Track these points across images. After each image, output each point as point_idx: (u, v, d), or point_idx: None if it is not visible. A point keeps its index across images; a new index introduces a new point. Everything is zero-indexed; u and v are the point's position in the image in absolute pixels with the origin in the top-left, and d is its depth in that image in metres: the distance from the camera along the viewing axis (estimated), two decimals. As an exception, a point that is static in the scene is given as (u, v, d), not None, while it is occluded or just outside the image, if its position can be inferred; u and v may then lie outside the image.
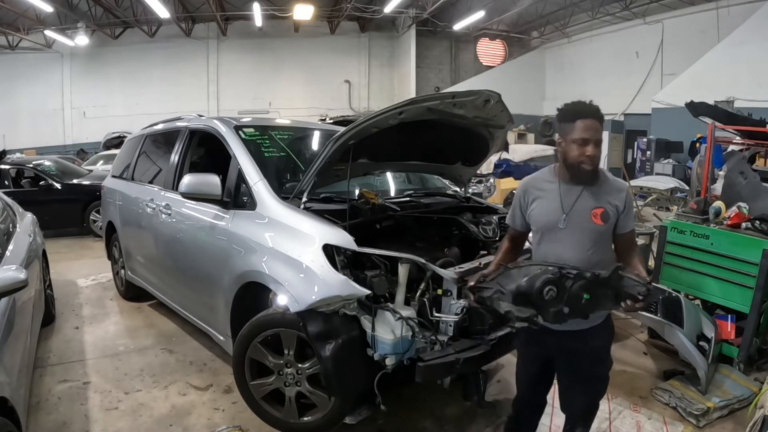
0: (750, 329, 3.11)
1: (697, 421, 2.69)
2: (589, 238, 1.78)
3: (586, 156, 1.73)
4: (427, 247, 2.69)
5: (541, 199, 1.86)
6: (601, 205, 1.78)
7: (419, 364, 2.14)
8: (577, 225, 1.78)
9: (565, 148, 1.77)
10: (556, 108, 1.86)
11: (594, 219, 1.78)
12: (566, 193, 1.81)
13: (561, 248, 1.80)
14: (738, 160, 4.04)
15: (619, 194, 1.81)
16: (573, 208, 1.78)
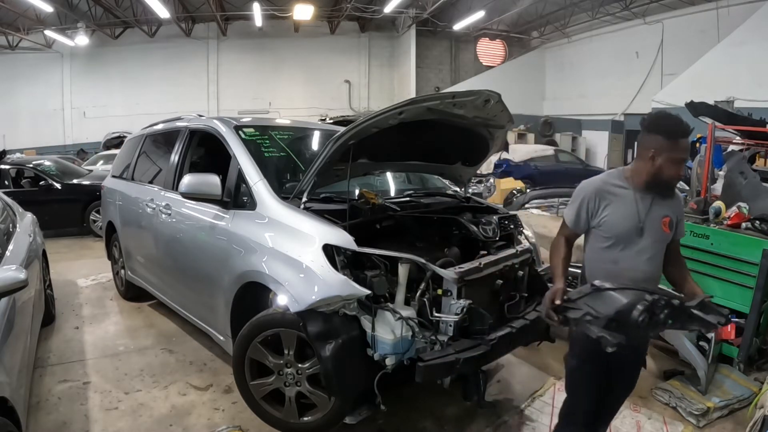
0: (750, 329, 3.11)
1: (697, 421, 2.69)
2: (660, 247, 1.85)
3: (681, 175, 1.80)
4: (427, 247, 2.69)
5: (615, 205, 1.84)
6: (668, 214, 1.85)
7: (419, 364, 2.14)
8: (651, 233, 1.81)
9: (659, 163, 1.76)
10: (642, 118, 1.87)
11: (664, 227, 1.83)
12: (641, 201, 1.83)
13: (636, 257, 1.82)
14: (738, 160, 4.04)
15: (677, 202, 1.90)
16: (648, 216, 1.82)
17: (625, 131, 15.35)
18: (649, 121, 1.83)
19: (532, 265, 3.03)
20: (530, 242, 3.14)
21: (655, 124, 1.80)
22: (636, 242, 1.83)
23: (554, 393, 2.98)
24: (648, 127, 1.82)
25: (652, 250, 1.84)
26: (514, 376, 3.25)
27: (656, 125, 1.80)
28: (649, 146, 1.79)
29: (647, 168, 1.80)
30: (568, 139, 15.64)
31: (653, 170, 1.79)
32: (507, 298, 2.72)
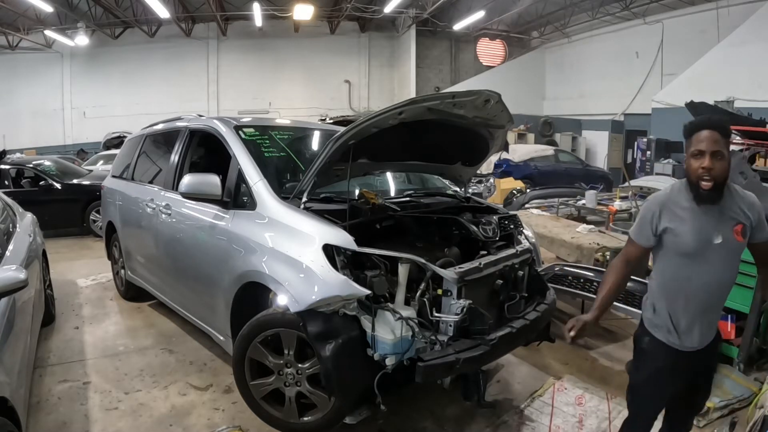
0: (750, 329, 3.11)
1: (697, 421, 2.69)
2: (735, 257, 1.79)
3: (702, 168, 1.67)
4: (427, 247, 2.69)
5: (683, 220, 1.77)
6: (739, 221, 1.75)
7: (419, 364, 2.14)
8: (724, 245, 1.74)
9: (686, 164, 1.74)
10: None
11: (736, 236, 1.75)
12: (706, 213, 1.74)
13: (712, 271, 1.76)
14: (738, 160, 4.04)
15: (752, 207, 1.77)
16: (718, 228, 1.74)
17: (625, 131, 15.36)
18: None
19: (532, 265, 3.03)
20: (530, 242, 3.14)
21: (683, 131, 1.78)
22: (708, 256, 1.75)
23: (554, 393, 2.98)
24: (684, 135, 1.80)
25: (729, 262, 1.78)
26: (514, 376, 3.25)
27: (683, 131, 1.78)
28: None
29: (686, 175, 1.77)
30: (568, 139, 15.63)
31: (686, 174, 1.75)
32: (507, 298, 2.72)
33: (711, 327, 1.87)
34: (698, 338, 1.83)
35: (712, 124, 1.70)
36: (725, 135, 1.72)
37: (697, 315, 1.81)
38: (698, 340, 1.83)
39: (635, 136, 13.84)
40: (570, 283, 3.90)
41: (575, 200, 7.55)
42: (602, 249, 4.27)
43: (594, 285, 3.39)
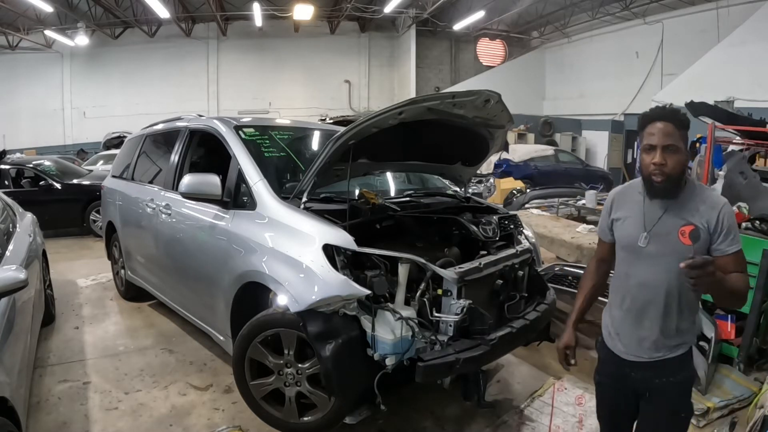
0: (750, 329, 3.11)
1: (697, 421, 2.69)
2: (676, 260, 1.49)
3: (653, 164, 1.54)
4: (427, 247, 2.69)
5: (625, 212, 1.69)
6: (692, 222, 1.56)
7: (419, 364, 2.14)
8: (662, 245, 1.58)
9: (639, 160, 1.62)
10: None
11: (682, 238, 1.56)
12: (650, 208, 1.62)
13: (644, 270, 1.62)
14: (738, 160, 4.04)
15: (711, 211, 1.56)
16: (656, 225, 1.59)
17: (625, 131, 15.34)
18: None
19: (532, 265, 3.04)
20: (530, 242, 3.14)
21: (637, 120, 1.67)
22: (642, 255, 1.62)
23: (554, 393, 2.98)
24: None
25: (665, 264, 1.58)
26: (514, 376, 3.25)
27: (637, 120, 1.67)
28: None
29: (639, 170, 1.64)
30: (568, 139, 15.63)
31: (639, 170, 1.63)
32: (507, 298, 2.72)
33: (656, 336, 1.63)
34: (636, 345, 1.66)
35: (665, 115, 1.56)
36: (680, 126, 1.55)
37: (635, 317, 1.66)
38: (636, 347, 1.66)
39: (635, 136, 13.73)
40: (570, 283, 3.90)
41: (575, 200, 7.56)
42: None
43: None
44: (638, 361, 1.65)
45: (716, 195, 1.63)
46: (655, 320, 1.62)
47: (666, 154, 1.54)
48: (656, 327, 1.62)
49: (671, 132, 1.53)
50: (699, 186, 1.65)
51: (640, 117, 1.64)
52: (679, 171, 1.55)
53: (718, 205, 1.57)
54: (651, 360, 1.64)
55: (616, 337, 1.71)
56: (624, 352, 1.68)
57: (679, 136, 1.54)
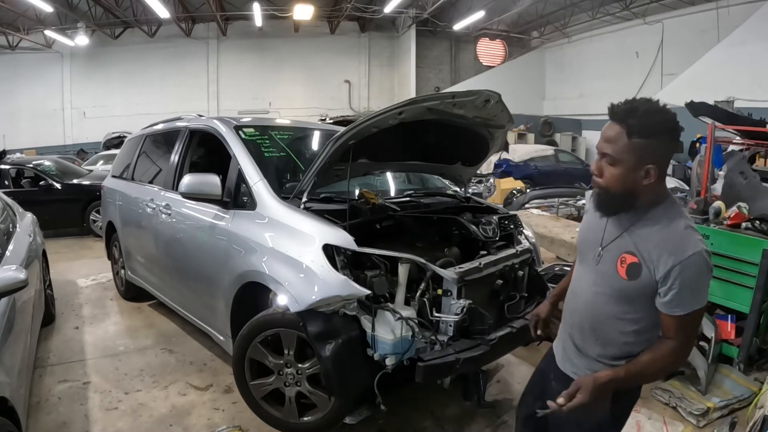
0: (750, 329, 3.11)
1: (697, 421, 2.69)
2: (606, 288, 1.33)
3: (593, 173, 1.31)
4: (427, 247, 2.69)
5: (589, 214, 1.47)
6: (636, 255, 1.26)
7: (419, 364, 2.14)
8: (603, 265, 1.34)
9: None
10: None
11: (619, 266, 1.29)
12: (613, 222, 1.35)
13: (584, 286, 1.42)
14: (738, 160, 4.04)
15: (666, 257, 1.21)
16: (608, 242, 1.34)
17: (625, 131, 15.35)
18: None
19: (532, 265, 3.03)
20: (530, 242, 3.14)
21: None
22: (589, 267, 1.41)
23: (554, 393, 2.98)
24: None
25: (596, 287, 1.36)
26: (514, 376, 3.25)
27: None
28: None
29: None
30: (568, 139, 15.64)
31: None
32: (507, 298, 2.72)
33: (574, 353, 1.45)
34: (559, 350, 1.52)
35: (616, 115, 1.26)
36: (633, 133, 1.20)
37: (567, 326, 1.50)
38: (559, 353, 1.52)
39: (635, 136, 13.85)
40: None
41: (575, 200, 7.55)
42: (602, 249, 4.27)
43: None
44: (560, 370, 1.50)
45: (689, 240, 1.23)
46: (574, 336, 1.46)
47: (602, 164, 1.27)
48: (575, 343, 1.45)
49: (615, 137, 1.24)
50: (678, 217, 1.27)
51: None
52: (617, 188, 1.25)
53: (680, 252, 1.20)
54: (569, 374, 1.46)
55: (558, 337, 1.58)
56: (557, 357, 1.55)
57: (626, 145, 1.21)
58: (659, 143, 1.21)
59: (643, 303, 1.29)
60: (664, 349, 1.28)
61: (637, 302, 1.30)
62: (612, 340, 1.36)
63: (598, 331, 1.38)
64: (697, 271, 1.21)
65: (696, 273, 1.21)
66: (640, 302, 1.29)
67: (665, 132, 1.20)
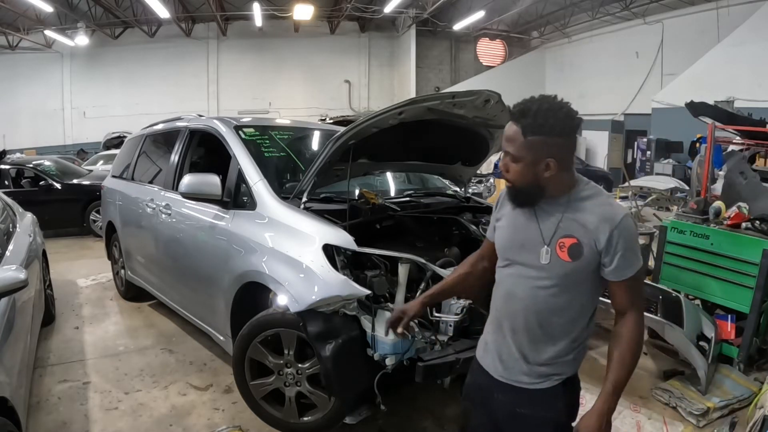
0: (750, 329, 3.11)
1: (697, 421, 2.69)
2: (549, 276, 1.33)
3: (501, 170, 1.37)
4: (427, 247, 2.69)
5: (508, 216, 1.46)
6: (573, 234, 1.31)
7: (419, 364, 2.14)
8: (537, 256, 1.35)
9: None
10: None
11: (560, 252, 1.32)
12: (537, 215, 1.38)
13: (514, 284, 1.40)
14: (738, 160, 4.03)
15: (603, 225, 1.28)
16: (541, 236, 1.35)
17: (625, 131, 15.36)
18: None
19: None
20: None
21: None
22: (517, 265, 1.41)
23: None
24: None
25: (536, 280, 1.35)
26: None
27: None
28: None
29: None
30: (568, 139, 15.62)
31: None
32: (507, 298, 2.72)
33: (518, 358, 1.40)
34: (495, 362, 1.45)
35: (514, 115, 1.32)
36: (528, 131, 1.27)
37: (500, 330, 1.45)
38: (494, 365, 1.46)
39: (635, 136, 13.86)
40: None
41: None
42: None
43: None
44: (503, 382, 1.44)
45: (614, 207, 1.33)
46: (516, 339, 1.40)
47: (507, 161, 1.34)
48: (517, 346, 1.40)
49: (513, 136, 1.30)
50: (596, 193, 1.35)
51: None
52: (522, 183, 1.33)
53: (613, 218, 1.28)
54: (515, 384, 1.41)
55: (486, 348, 1.50)
56: (492, 369, 1.46)
57: (523, 143, 1.28)
58: (552, 139, 1.27)
59: (583, 285, 1.35)
60: (630, 327, 1.34)
61: (579, 285, 1.35)
62: (560, 333, 1.38)
63: (545, 327, 1.37)
64: (631, 230, 1.31)
65: (631, 233, 1.31)
66: (582, 285, 1.35)
67: (556, 129, 1.27)
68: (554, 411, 1.40)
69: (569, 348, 1.39)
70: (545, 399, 1.39)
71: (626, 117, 15.45)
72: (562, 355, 1.39)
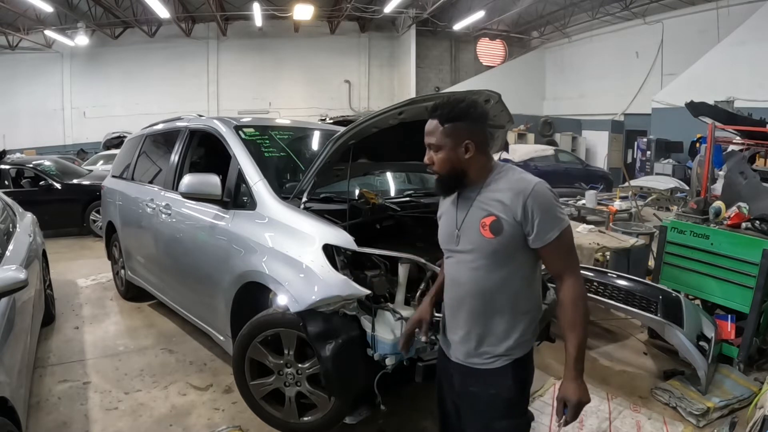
0: (750, 329, 3.11)
1: (697, 421, 2.69)
2: (481, 255, 1.44)
3: (426, 164, 1.55)
4: (427, 247, 2.69)
5: (444, 211, 1.61)
6: (491, 212, 1.42)
7: (419, 364, 2.14)
8: (469, 240, 1.46)
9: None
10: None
11: (483, 231, 1.42)
12: (461, 204, 1.52)
13: (455, 270, 1.52)
14: (738, 160, 4.04)
15: (516, 198, 1.38)
16: (464, 221, 1.48)
17: (625, 131, 15.36)
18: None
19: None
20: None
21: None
22: (455, 253, 1.52)
23: (554, 393, 2.97)
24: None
25: (472, 262, 1.46)
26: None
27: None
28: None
29: None
30: (568, 139, 15.63)
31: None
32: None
33: (467, 340, 1.51)
34: (450, 346, 1.58)
35: (430, 112, 1.53)
36: (444, 120, 1.47)
37: (452, 316, 1.56)
38: (454, 347, 1.56)
39: (635, 136, 13.86)
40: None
41: (575, 200, 7.55)
42: (602, 249, 4.27)
43: (594, 285, 3.40)
44: (458, 363, 1.55)
45: (526, 178, 1.44)
46: (466, 322, 1.50)
47: (431, 154, 1.53)
48: (467, 329, 1.50)
49: (432, 129, 1.51)
50: (510, 171, 1.48)
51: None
52: (447, 168, 1.49)
53: (524, 189, 1.38)
54: (466, 364, 1.52)
55: (444, 333, 1.63)
56: (448, 351, 1.59)
57: (442, 132, 1.47)
58: (465, 123, 1.46)
59: (517, 259, 1.44)
60: (569, 290, 1.42)
61: (513, 259, 1.44)
62: (505, 308, 1.47)
63: (490, 304, 1.46)
64: (544, 196, 1.40)
65: (545, 198, 1.40)
66: (515, 258, 1.44)
67: (464, 114, 1.46)
68: (505, 389, 1.48)
69: (518, 321, 1.48)
70: (496, 378, 1.48)
71: (626, 117, 15.45)
72: (511, 330, 1.47)
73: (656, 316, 3.03)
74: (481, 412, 1.51)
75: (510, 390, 1.48)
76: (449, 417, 1.65)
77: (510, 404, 1.50)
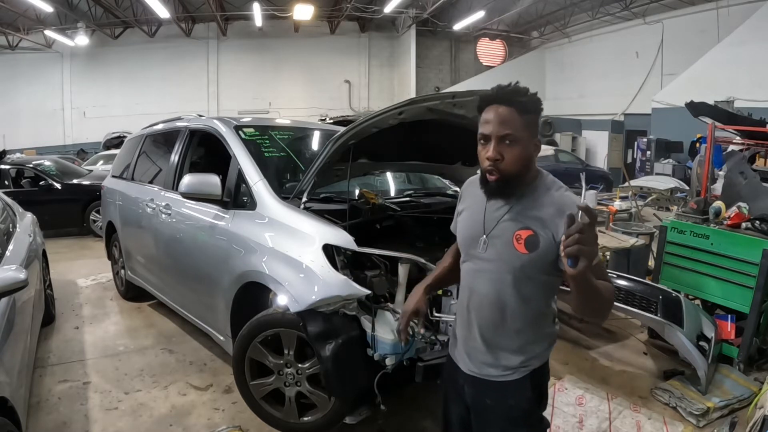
0: (750, 329, 3.11)
1: (697, 421, 2.69)
2: (507, 269, 1.32)
3: (487, 159, 1.28)
4: (427, 247, 2.69)
5: (469, 207, 1.46)
6: (529, 226, 1.29)
7: (419, 364, 2.14)
8: (496, 250, 1.34)
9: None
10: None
11: (516, 244, 1.30)
12: (492, 206, 1.36)
13: (475, 278, 1.40)
14: (738, 160, 4.04)
15: (560, 215, 1.23)
16: (496, 227, 1.34)
17: (625, 131, 15.37)
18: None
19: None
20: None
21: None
22: (478, 260, 1.39)
23: (554, 393, 2.97)
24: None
25: (497, 275, 1.34)
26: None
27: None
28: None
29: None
30: (568, 139, 15.63)
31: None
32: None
33: (484, 351, 1.41)
34: (467, 356, 1.45)
35: (502, 97, 1.28)
36: (523, 111, 1.26)
37: (466, 326, 1.45)
38: (468, 359, 1.45)
39: (635, 136, 13.88)
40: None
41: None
42: (602, 249, 4.27)
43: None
44: (470, 375, 1.44)
45: (569, 197, 1.31)
46: (482, 334, 1.40)
47: (502, 147, 1.27)
48: (483, 341, 1.40)
49: (509, 118, 1.26)
50: (552, 183, 1.35)
51: (478, 100, 1.34)
52: (518, 167, 1.29)
53: (570, 207, 1.23)
54: (480, 377, 1.42)
55: (455, 342, 1.51)
56: (461, 362, 1.47)
57: (521, 123, 1.26)
58: (538, 118, 1.33)
59: (544, 276, 1.33)
60: (605, 283, 1.24)
61: (539, 276, 1.32)
62: (524, 324, 1.37)
63: (509, 319, 1.36)
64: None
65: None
66: (542, 275, 1.32)
67: (539, 108, 1.32)
68: (524, 400, 1.40)
69: (535, 338, 1.40)
70: (514, 389, 1.39)
71: (626, 117, 15.46)
72: (528, 345, 1.39)
73: (656, 316, 3.03)
74: (498, 424, 1.42)
75: (529, 401, 1.41)
76: (452, 427, 1.57)
77: (528, 414, 1.42)
